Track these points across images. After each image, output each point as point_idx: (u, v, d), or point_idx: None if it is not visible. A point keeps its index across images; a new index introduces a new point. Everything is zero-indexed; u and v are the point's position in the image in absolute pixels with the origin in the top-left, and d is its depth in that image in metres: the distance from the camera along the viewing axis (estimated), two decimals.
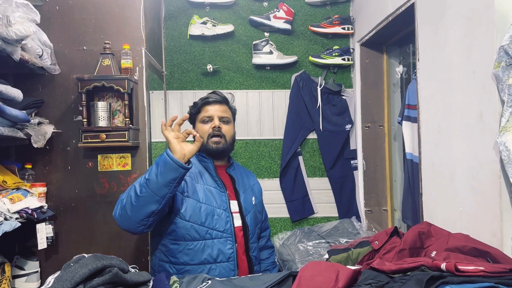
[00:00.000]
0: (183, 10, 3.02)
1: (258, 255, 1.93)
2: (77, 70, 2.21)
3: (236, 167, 2.04)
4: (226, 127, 1.92)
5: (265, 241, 2.13)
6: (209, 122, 1.91)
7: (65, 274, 1.04)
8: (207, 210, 1.76)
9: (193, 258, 1.73)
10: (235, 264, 1.76)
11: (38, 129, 2.04)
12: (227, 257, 1.76)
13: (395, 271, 1.16)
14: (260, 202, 2.07)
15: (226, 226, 1.78)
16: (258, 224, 1.98)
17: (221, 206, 1.80)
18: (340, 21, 3.02)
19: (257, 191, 2.08)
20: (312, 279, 1.24)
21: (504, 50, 1.34)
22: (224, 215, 1.79)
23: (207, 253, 1.73)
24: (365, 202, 2.96)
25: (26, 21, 1.74)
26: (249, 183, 2.04)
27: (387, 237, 1.59)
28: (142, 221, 1.57)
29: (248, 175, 2.09)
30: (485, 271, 1.05)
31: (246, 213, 1.88)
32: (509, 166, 1.33)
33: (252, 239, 1.88)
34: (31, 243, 2.07)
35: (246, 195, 1.94)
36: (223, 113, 1.94)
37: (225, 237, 1.77)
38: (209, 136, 1.87)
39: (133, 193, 1.57)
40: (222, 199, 1.82)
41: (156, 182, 1.54)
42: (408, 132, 2.33)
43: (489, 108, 1.44)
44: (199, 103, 1.95)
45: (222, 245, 1.76)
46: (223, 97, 1.97)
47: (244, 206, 1.88)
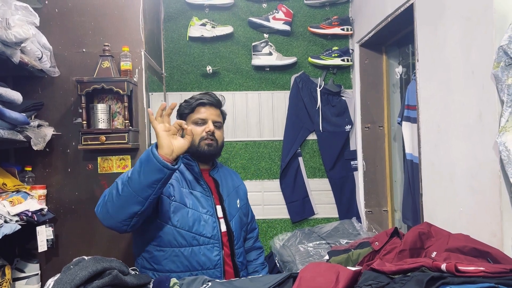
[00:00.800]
0: (182, 12, 3.02)
1: (244, 260, 1.88)
2: (77, 73, 2.21)
3: (219, 169, 1.97)
4: (219, 133, 1.86)
5: (252, 241, 2.07)
6: (202, 124, 1.82)
7: (65, 277, 1.04)
8: (194, 216, 1.69)
9: (179, 266, 1.66)
10: (222, 271, 1.71)
11: (37, 131, 2.04)
12: (214, 264, 1.70)
13: (395, 272, 1.16)
14: (245, 204, 2.01)
15: (213, 232, 1.71)
16: (243, 227, 1.93)
17: (208, 211, 1.73)
18: (339, 22, 3.02)
19: (242, 192, 2.02)
20: (313, 280, 1.24)
21: (503, 50, 1.34)
22: (211, 221, 1.72)
23: (194, 260, 1.66)
24: (365, 203, 2.95)
25: (25, 24, 1.75)
26: (233, 184, 1.97)
27: (387, 238, 1.58)
28: (125, 221, 1.46)
29: (232, 176, 2.02)
30: (486, 271, 1.05)
31: (230, 217, 1.81)
32: (509, 166, 1.32)
33: (238, 244, 1.83)
34: (31, 245, 2.07)
35: (231, 198, 1.88)
36: (217, 117, 1.87)
37: (212, 243, 1.70)
38: (201, 139, 1.79)
39: (115, 191, 1.45)
40: (209, 203, 1.75)
41: (139, 182, 1.41)
42: (408, 133, 2.33)
43: (489, 108, 1.44)
44: (193, 103, 1.85)
45: (209, 251, 1.69)
46: (217, 100, 1.89)
47: (228, 211, 1.82)
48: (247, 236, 2.04)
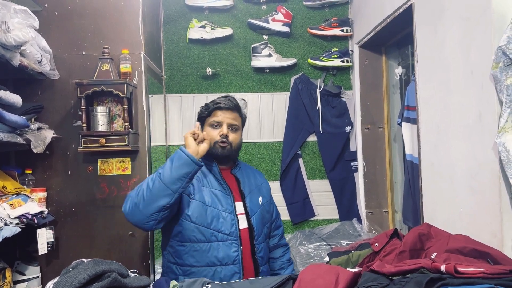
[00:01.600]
0: (182, 14, 3.03)
1: (265, 255, 1.93)
2: (76, 75, 2.21)
3: (242, 167, 2.03)
4: (234, 135, 1.91)
5: (277, 239, 2.12)
6: (217, 127, 1.89)
7: (64, 280, 1.04)
8: (212, 213, 1.77)
9: (199, 260, 1.75)
10: (240, 267, 1.77)
11: (37, 134, 2.04)
12: (232, 259, 1.76)
13: (395, 273, 1.16)
14: (268, 201, 2.05)
15: (232, 229, 1.78)
16: (266, 224, 1.97)
17: (226, 209, 1.80)
18: (338, 23, 3.03)
19: (265, 190, 2.06)
20: (312, 282, 1.24)
21: (502, 51, 1.34)
22: (229, 218, 1.79)
23: (213, 255, 1.75)
24: (366, 204, 2.95)
25: (24, 27, 1.75)
26: (256, 182, 2.03)
27: (387, 239, 1.58)
28: (153, 215, 1.60)
29: (255, 174, 2.08)
30: (485, 272, 1.05)
31: (251, 214, 1.88)
32: (509, 166, 1.32)
33: (258, 239, 1.87)
34: (31, 248, 2.07)
35: (252, 195, 1.94)
36: (233, 120, 1.91)
37: (231, 240, 1.77)
38: (216, 141, 1.87)
39: (145, 187, 1.61)
40: (228, 202, 1.82)
41: (170, 176, 1.59)
42: (408, 133, 2.33)
43: (488, 108, 1.44)
44: (210, 106, 1.92)
45: (228, 248, 1.76)
46: (235, 104, 1.94)
47: (249, 207, 1.88)
48: (272, 234, 2.09)
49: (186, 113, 3.01)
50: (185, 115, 3.01)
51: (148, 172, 2.26)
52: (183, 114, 3.01)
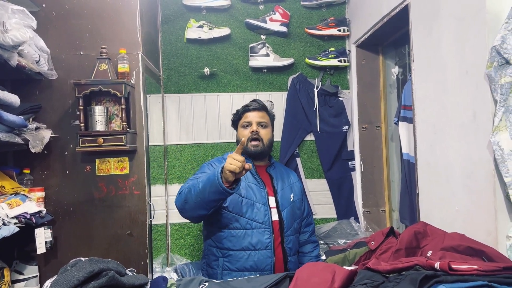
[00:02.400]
0: (179, 14, 3.03)
1: (294, 246, 2.13)
2: (74, 75, 2.21)
3: (276, 167, 2.28)
4: (264, 131, 2.18)
5: (308, 235, 2.30)
6: (248, 127, 2.18)
7: (61, 278, 1.05)
8: (248, 204, 2.03)
9: (235, 244, 2.00)
10: (272, 252, 2.00)
11: (35, 134, 2.04)
12: (265, 245, 2.00)
13: (390, 270, 1.17)
14: (299, 199, 2.26)
15: (265, 218, 2.03)
16: (296, 219, 2.18)
17: (260, 200, 2.05)
18: (335, 23, 3.03)
19: (297, 189, 2.28)
20: (309, 280, 1.25)
21: (496, 50, 1.35)
22: (263, 209, 2.04)
23: (247, 241, 2.00)
24: (363, 203, 2.96)
25: (22, 27, 1.75)
26: (289, 181, 2.25)
27: (383, 238, 1.60)
28: (196, 218, 1.96)
29: (288, 174, 2.31)
30: (479, 269, 1.06)
31: (282, 208, 2.10)
32: (503, 165, 1.34)
33: (288, 232, 2.09)
34: (30, 247, 2.08)
35: (284, 192, 2.16)
36: (261, 118, 2.20)
37: (264, 228, 2.02)
38: (248, 139, 2.13)
39: (190, 195, 1.86)
40: (262, 194, 2.07)
41: (206, 197, 1.79)
42: (405, 133, 2.34)
43: (483, 108, 1.45)
44: (240, 110, 2.24)
45: (261, 235, 2.01)
46: (261, 105, 2.24)
47: (281, 202, 2.11)
48: (303, 230, 2.29)
49: (184, 113, 3.02)
50: (183, 114, 3.02)
51: (146, 172, 2.27)
52: (181, 113, 3.02)
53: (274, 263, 1.99)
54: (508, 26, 1.33)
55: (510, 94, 1.33)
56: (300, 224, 2.25)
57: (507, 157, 1.33)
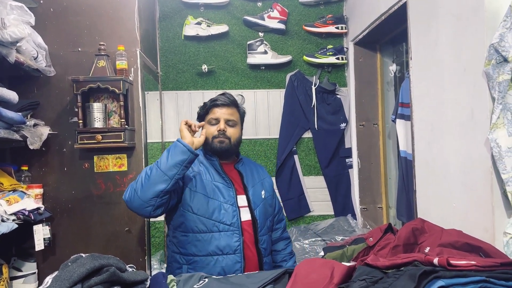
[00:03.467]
0: (177, 11, 3.03)
1: (268, 246, 2.00)
2: (72, 72, 2.21)
3: (245, 162, 2.10)
4: (232, 130, 1.96)
5: (280, 232, 2.17)
6: (215, 124, 1.95)
7: (63, 274, 1.05)
8: (214, 205, 1.85)
9: (201, 250, 1.82)
10: (242, 256, 1.83)
11: (34, 130, 2.04)
12: (234, 249, 1.83)
13: (389, 266, 1.18)
14: (270, 195, 2.11)
15: (233, 220, 1.85)
16: (268, 217, 2.04)
17: (228, 201, 1.87)
18: (333, 21, 3.04)
19: (268, 185, 2.12)
20: (308, 276, 1.26)
21: (494, 48, 1.36)
22: (231, 210, 1.86)
23: (214, 245, 1.82)
24: (360, 200, 2.98)
25: (20, 23, 1.75)
26: (259, 177, 2.09)
27: (381, 234, 1.61)
28: (151, 201, 1.68)
29: (258, 169, 2.14)
30: (477, 265, 1.07)
31: (254, 206, 1.94)
32: (500, 162, 1.35)
33: (262, 231, 1.94)
34: (28, 244, 2.08)
35: (255, 189, 2.00)
36: (230, 116, 1.97)
37: (232, 230, 1.84)
38: (214, 137, 1.93)
39: (144, 174, 1.70)
40: (230, 194, 1.89)
41: (166, 163, 1.68)
42: (402, 130, 2.35)
43: (480, 105, 1.46)
44: (208, 104, 2.00)
45: (229, 238, 1.83)
46: (231, 100, 1.99)
47: (252, 200, 1.95)
48: (275, 227, 2.15)
49: (181, 110, 3.02)
50: (180, 111, 3.02)
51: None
52: (179, 111, 3.02)
53: (243, 268, 1.83)
54: (506, 24, 1.34)
55: (508, 92, 1.34)
56: (272, 221, 2.11)
57: (505, 154, 1.34)
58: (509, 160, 1.34)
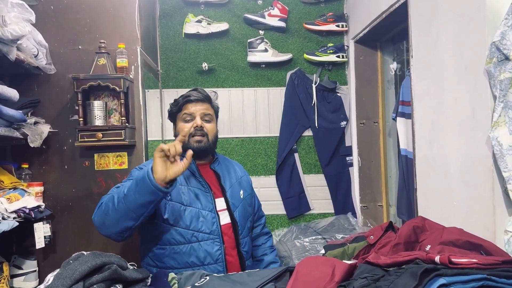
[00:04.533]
0: (177, 9, 3.02)
1: (249, 249, 1.90)
2: (73, 70, 2.21)
3: (221, 161, 1.97)
4: (208, 126, 1.84)
5: (260, 228, 2.10)
6: (190, 120, 1.82)
7: (64, 272, 1.05)
8: (191, 213, 1.71)
9: (180, 262, 1.69)
10: (224, 265, 1.73)
11: (34, 128, 2.04)
12: (215, 258, 1.72)
13: (390, 264, 1.18)
14: (249, 194, 2.01)
15: (213, 228, 1.73)
16: (248, 217, 1.94)
17: (206, 207, 1.75)
18: (334, 19, 3.04)
19: (246, 183, 2.02)
20: (309, 274, 1.26)
21: (496, 46, 1.36)
22: (210, 216, 1.74)
23: (194, 256, 1.69)
24: (361, 198, 2.98)
25: (21, 21, 1.75)
26: (236, 176, 1.98)
27: (382, 232, 1.60)
28: (119, 234, 1.54)
29: (235, 167, 2.03)
30: (478, 263, 1.07)
31: (234, 209, 1.83)
32: (501, 160, 1.35)
33: (242, 234, 1.84)
34: (28, 242, 2.08)
35: (233, 190, 1.89)
36: (205, 110, 1.85)
37: (212, 239, 1.72)
38: (191, 135, 1.79)
39: (111, 204, 1.51)
40: (208, 199, 1.77)
41: (134, 201, 1.47)
42: (402, 128, 2.35)
43: (481, 103, 1.46)
44: (180, 101, 1.86)
45: (209, 247, 1.71)
46: (205, 95, 1.88)
47: (231, 202, 1.84)
48: (255, 224, 2.07)
49: None
50: None
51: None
52: None
53: None
54: (507, 22, 1.34)
55: (509, 90, 1.34)
56: (252, 221, 2.02)
57: (506, 152, 1.34)
58: (510, 158, 1.34)
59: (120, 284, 1.15)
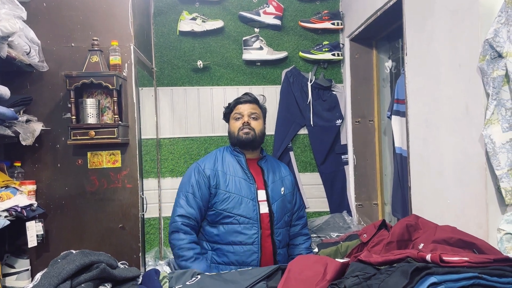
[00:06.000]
0: (172, 6, 3.01)
1: (283, 239, 2.16)
2: (65, 67, 2.19)
3: (268, 160, 2.30)
4: (255, 122, 2.20)
5: (299, 228, 2.33)
6: (240, 118, 2.20)
7: (52, 270, 1.04)
8: (235, 199, 2.07)
9: (223, 239, 2.06)
10: (259, 247, 2.04)
11: (26, 126, 2.02)
12: (252, 241, 2.04)
13: (382, 263, 1.18)
14: (290, 192, 2.28)
15: (252, 214, 2.06)
16: (287, 212, 2.21)
17: (249, 196, 2.08)
18: (329, 17, 3.03)
19: (288, 182, 2.29)
20: (301, 273, 1.26)
21: (489, 44, 1.35)
22: (251, 204, 2.07)
23: (234, 235, 2.04)
24: (356, 197, 2.97)
25: (12, 18, 1.73)
26: (280, 174, 2.27)
27: (375, 230, 1.60)
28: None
29: (280, 167, 2.33)
30: (470, 261, 1.06)
31: (272, 201, 2.13)
32: (494, 158, 1.34)
33: (278, 225, 2.12)
34: (21, 241, 2.07)
35: (275, 185, 2.19)
36: (253, 110, 2.22)
37: (251, 223, 2.05)
38: (239, 130, 2.16)
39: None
40: (251, 189, 2.10)
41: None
42: (398, 126, 2.34)
43: (475, 101, 1.45)
44: (232, 103, 2.27)
45: (248, 230, 2.04)
46: (253, 98, 2.27)
47: (271, 195, 2.14)
48: (294, 223, 2.32)
49: (177, 106, 3.00)
50: (175, 108, 3.00)
51: (139, 165, 2.26)
52: (174, 107, 3.00)
53: (260, 258, 2.03)
54: (501, 19, 1.33)
55: (502, 88, 1.34)
56: (291, 217, 2.28)
57: (499, 150, 1.33)
58: (503, 156, 1.34)
59: (109, 283, 1.14)
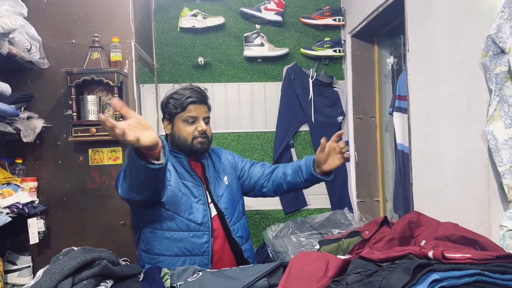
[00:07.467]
0: (173, 3, 3.00)
1: (244, 232, 1.91)
2: (66, 64, 2.19)
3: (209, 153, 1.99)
4: (208, 128, 1.89)
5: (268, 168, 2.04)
6: (192, 123, 1.83)
7: (53, 267, 1.04)
8: (187, 203, 1.76)
9: (167, 248, 1.72)
10: (209, 259, 1.75)
11: (27, 123, 2.02)
12: (202, 251, 1.75)
13: (384, 259, 1.17)
14: (235, 177, 1.99)
15: (204, 219, 1.77)
16: (237, 203, 1.94)
17: (199, 199, 1.80)
18: (331, 13, 3.02)
19: (229, 166, 2.00)
20: (302, 269, 1.25)
21: (492, 39, 1.34)
22: (201, 208, 1.78)
23: (183, 245, 1.73)
24: (357, 193, 2.97)
25: (12, 14, 1.73)
26: (220, 162, 1.99)
27: (377, 227, 1.59)
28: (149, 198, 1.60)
29: (220, 155, 2.04)
30: (472, 258, 1.06)
31: (217, 199, 1.85)
32: (497, 154, 1.34)
33: (232, 220, 1.86)
34: (22, 238, 2.07)
35: (216, 180, 1.91)
36: (206, 113, 1.89)
37: (202, 231, 1.76)
38: (194, 137, 1.82)
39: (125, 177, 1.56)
40: (200, 192, 1.81)
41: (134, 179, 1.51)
42: (399, 123, 2.34)
43: (477, 97, 1.45)
44: (183, 101, 1.82)
45: (199, 238, 1.75)
46: (204, 96, 1.90)
47: (214, 193, 1.86)
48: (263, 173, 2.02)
49: None
50: None
51: None
52: None
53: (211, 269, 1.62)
54: (503, 15, 1.32)
55: (505, 84, 1.33)
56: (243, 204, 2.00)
57: (501, 147, 1.33)
58: (506, 152, 1.33)
59: (111, 280, 1.14)
